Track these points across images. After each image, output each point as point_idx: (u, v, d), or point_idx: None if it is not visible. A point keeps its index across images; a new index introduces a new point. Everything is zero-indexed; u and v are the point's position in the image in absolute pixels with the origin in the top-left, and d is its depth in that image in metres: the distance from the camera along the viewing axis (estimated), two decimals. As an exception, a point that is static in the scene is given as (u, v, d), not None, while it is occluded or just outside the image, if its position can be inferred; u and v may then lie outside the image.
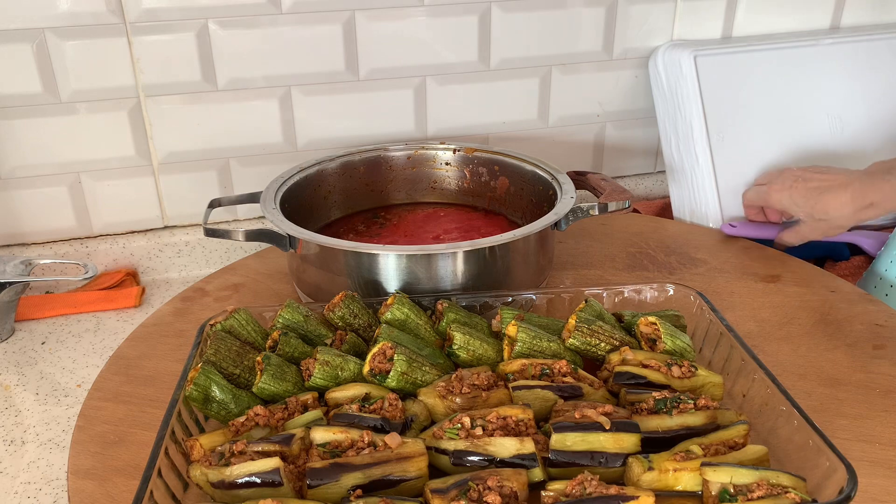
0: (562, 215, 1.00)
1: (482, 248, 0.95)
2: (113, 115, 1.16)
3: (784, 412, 0.75)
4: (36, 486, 0.81)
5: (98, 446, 0.81)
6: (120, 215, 1.24)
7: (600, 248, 1.20)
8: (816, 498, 0.67)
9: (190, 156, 1.22)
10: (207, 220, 1.04)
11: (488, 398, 0.78)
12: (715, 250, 1.19)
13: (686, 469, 0.68)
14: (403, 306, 0.89)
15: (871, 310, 1.03)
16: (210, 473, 0.68)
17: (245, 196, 1.10)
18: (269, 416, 0.76)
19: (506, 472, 0.68)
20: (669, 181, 1.34)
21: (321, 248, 0.97)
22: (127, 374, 0.92)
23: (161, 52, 1.14)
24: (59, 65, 1.11)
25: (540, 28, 1.29)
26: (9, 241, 1.21)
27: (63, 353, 1.04)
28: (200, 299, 1.08)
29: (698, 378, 0.81)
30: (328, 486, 0.67)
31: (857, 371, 0.91)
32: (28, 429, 0.90)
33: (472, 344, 0.84)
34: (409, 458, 0.70)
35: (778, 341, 0.97)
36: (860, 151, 1.33)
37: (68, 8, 1.09)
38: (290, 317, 0.88)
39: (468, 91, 1.30)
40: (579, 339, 0.85)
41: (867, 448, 0.80)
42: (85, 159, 1.18)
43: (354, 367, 0.82)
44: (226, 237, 0.99)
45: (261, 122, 1.23)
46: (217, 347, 0.82)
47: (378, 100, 1.27)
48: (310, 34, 1.19)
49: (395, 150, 1.23)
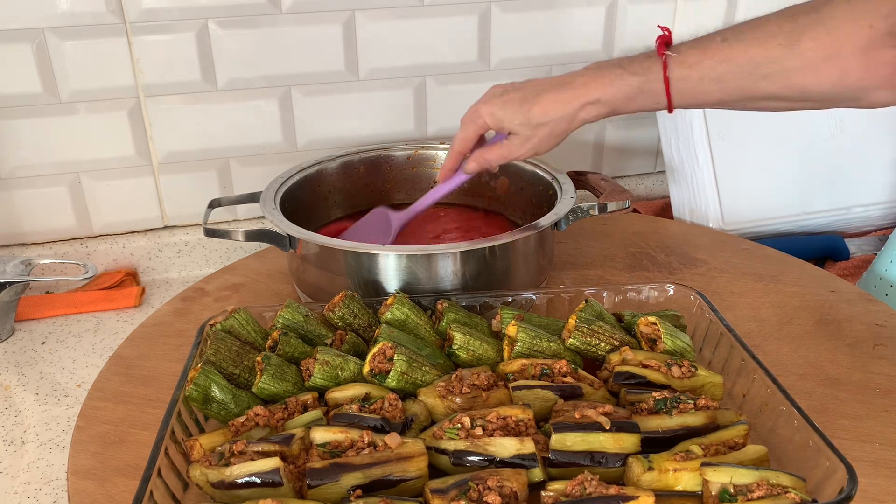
0: (562, 215, 1.00)
1: (482, 248, 0.95)
2: (113, 115, 1.16)
3: (784, 412, 0.75)
4: (36, 486, 0.81)
5: (98, 446, 0.81)
6: (120, 215, 1.24)
7: (600, 248, 1.20)
8: (816, 498, 0.67)
9: (190, 156, 1.23)
10: (207, 220, 1.04)
11: (488, 398, 0.78)
12: (715, 250, 1.19)
13: (686, 469, 0.68)
14: (403, 306, 0.89)
15: (871, 310, 1.03)
16: (210, 473, 0.68)
17: (245, 196, 1.10)
18: (269, 416, 0.76)
19: (506, 472, 0.68)
20: (669, 181, 1.34)
21: (321, 248, 0.97)
22: (127, 374, 0.92)
23: (161, 52, 1.14)
24: (58, 65, 1.11)
25: (540, 28, 1.29)
26: (9, 241, 1.21)
27: (63, 353, 1.04)
28: (200, 299, 1.08)
29: (698, 378, 0.81)
30: (328, 486, 0.67)
31: (857, 371, 0.91)
32: (28, 429, 0.90)
33: (472, 344, 0.84)
34: (409, 458, 0.69)
35: (778, 341, 0.97)
36: (860, 151, 1.33)
37: (68, 8, 1.09)
38: (290, 317, 0.88)
39: (468, 91, 1.29)
40: (579, 339, 0.85)
41: (867, 448, 0.80)
42: (85, 159, 1.18)
43: (354, 367, 0.82)
44: (226, 237, 0.99)
45: (261, 122, 1.23)
46: (217, 347, 0.82)
47: (378, 100, 1.27)
48: (310, 34, 1.19)
49: (395, 150, 1.23)
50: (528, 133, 0.94)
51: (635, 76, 0.88)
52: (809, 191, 1.32)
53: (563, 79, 0.93)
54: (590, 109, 0.91)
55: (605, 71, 0.90)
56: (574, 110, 0.91)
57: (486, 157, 0.99)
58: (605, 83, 0.89)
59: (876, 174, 1.34)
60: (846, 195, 1.33)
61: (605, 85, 0.89)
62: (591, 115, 0.91)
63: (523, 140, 0.95)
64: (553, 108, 0.92)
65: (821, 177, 1.32)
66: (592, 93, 0.90)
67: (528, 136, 0.94)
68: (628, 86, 0.88)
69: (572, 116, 0.92)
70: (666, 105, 0.88)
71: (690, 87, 0.86)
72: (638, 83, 0.88)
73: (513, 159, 0.98)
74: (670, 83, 0.86)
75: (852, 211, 1.34)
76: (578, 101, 0.90)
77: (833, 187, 1.32)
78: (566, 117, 0.92)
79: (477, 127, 0.98)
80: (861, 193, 1.34)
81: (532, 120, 0.93)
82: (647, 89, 0.88)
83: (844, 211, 1.33)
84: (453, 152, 1.02)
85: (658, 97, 0.88)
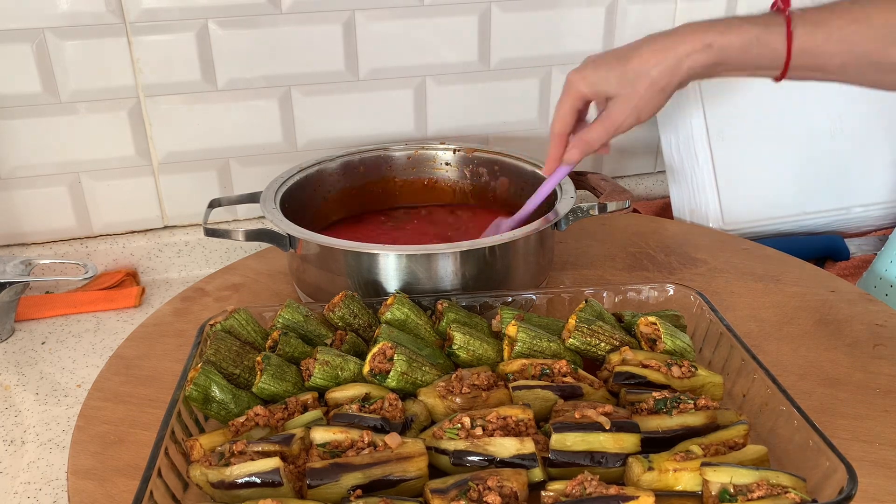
0: (562, 215, 1.00)
1: (482, 248, 0.95)
2: (113, 115, 1.16)
3: (784, 412, 0.75)
4: (36, 486, 0.81)
5: (98, 446, 0.81)
6: (120, 215, 1.24)
7: (600, 248, 1.20)
8: (816, 498, 0.67)
9: (190, 156, 1.22)
10: (207, 220, 1.04)
11: (488, 398, 0.78)
12: (715, 250, 1.19)
13: (686, 469, 0.68)
14: (403, 306, 0.89)
15: (871, 310, 1.03)
16: (210, 473, 0.68)
17: (245, 196, 1.10)
18: (269, 416, 0.76)
19: (506, 472, 0.68)
20: (669, 181, 1.34)
21: (321, 248, 0.97)
22: (127, 374, 0.92)
23: (161, 52, 1.14)
24: (58, 65, 1.11)
25: (540, 28, 1.29)
26: (9, 241, 1.21)
27: (63, 353, 1.04)
28: (200, 299, 1.08)
29: (698, 378, 0.81)
30: (328, 486, 0.67)
31: (857, 371, 0.91)
32: (28, 429, 0.90)
33: (472, 344, 0.84)
34: (409, 458, 0.70)
35: (778, 341, 0.97)
36: (860, 151, 1.33)
37: (68, 8, 1.09)
38: (290, 317, 0.88)
39: (468, 91, 1.30)
40: (579, 339, 0.85)
41: (867, 448, 0.80)
42: (85, 159, 1.18)
43: (354, 367, 0.82)
44: (226, 237, 0.99)
45: (261, 122, 1.23)
46: (217, 347, 0.82)
47: (378, 100, 1.27)
48: (310, 34, 1.19)
49: (395, 150, 1.23)
50: (628, 91, 0.84)
51: (755, 26, 0.80)
52: (809, 191, 1.32)
53: (663, 32, 0.84)
54: (697, 57, 0.81)
55: (715, 21, 0.82)
56: (679, 57, 0.82)
57: (586, 140, 0.89)
58: (719, 30, 0.81)
59: (876, 174, 1.34)
60: (846, 195, 1.33)
61: (719, 31, 0.81)
62: (698, 64, 0.82)
63: (623, 102, 0.85)
64: (654, 56, 0.82)
65: (821, 177, 1.32)
66: (703, 37, 0.81)
67: (627, 96, 0.84)
68: (746, 33, 0.80)
69: (676, 65, 0.82)
70: (782, 65, 0.81)
71: (814, 46, 0.79)
72: (756, 33, 0.80)
73: (617, 131, 0.87)
74: (793, 38, 0.79)
75: (852, 211, 1.34)
76: (685, 47, 0.81)
77: (833, 187, 1.33)
78: (670, 67, 0.82)
79: (572, 99, 0.88)
80: (861, 193, 1.34)
81: (630, 73, 0.83)
82: (765, 41, 0.80)
83: (844, 211, 1.33)
84: (554, 135, 0.92)
85: (776, 53, 0.80)
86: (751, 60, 0.82)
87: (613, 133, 0.88)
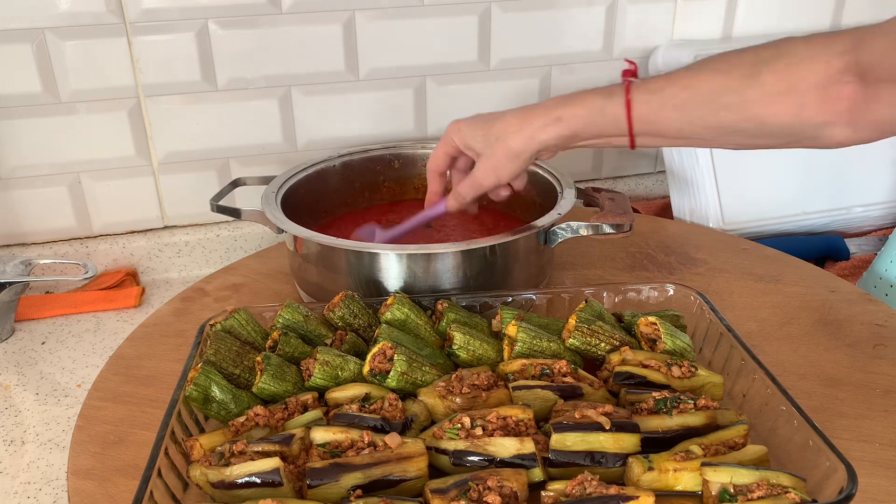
0: (562, 215, 1.00)
1: (482, 248, 0.95)
2: (113, 115, 1.17)
3: (784, 412, 0.75)
4: (36, 486, 0.81)
5: (98, 446, 0.81)
6: (120, 215, 1.24)
7: (600, 248, 1.20)
8: (816, 498, 0.67)
9: (190, 156, 1.23)
10: (221, 200, 1.05)
11: (488, 398, 0.78)
12: (715, 250, 1.19)
13: (686, 469, 0.68)
14: (403, 306, 0.89)
15: (871, 310, 1.03)
16: (210, 473, 0.68)
17: (267, 178, 1.11)
18: (269, 416, 0.76)
19: (506, 472, 0.68)
20: (669, 181, 1.34)
21: (322, 248, 0.97)
22: (127, 374, 0.92)
23: (161, 52, 1.14)
24: (58, 65, 1.11)
25: (540, 28, 1.29)
26: (9, 241, 1.21)
27: (63, 353, 1.04)
28: (200, 299, 1.08)
29: (698, 378, 0.81)
30: (328, 486, 0.67)
31: (857, 371, 0.91)
32: (28, 429, 0.90)
33: (472, 344, 0.84)
34: (409, 458, 0.70)
35: (778, 341, 0.97)
36: (860, 151, 1.32)
37: (68, 8, 1.09)
38: (290, 317, 0.88)
39: (468, 91, 1.30)
40: (579, 339, 0.85)
41: (867, 448, 0.80)
42: (85, 159, 1.18)
43: (354, 367, 0.82)
44: (235, 216, 1.02)
45: (261, 122, 1.23)
46: (217, 347, 0.82)
47: (378, 100, 1.27)
48: (310, 34, 1.19)
49: (395, 150, 1.23)
50: (489, 151, 0.92)
51: (600, 97, 0.87)
52: (809, 191, 1.32)
53: (531, 105, 0.92)
54: (550, 129, 0.89)
55: (573, 95, 0.90)
56: (533, 129, 0.89)
57: (459, 192, 0.98)
58: (569, 103, 0.89)
59: (876, 174, 1.34)
60: (846, 195, 1.33)
61: (569, 105, 0.88)
62: (549, 136, 0.89)
63: (484, 162, 0.93)
64: (513, 123, 0.91)
65: (821, 177, 1.32)
66: (554, 111, 0.89)
67: (488, 157, 0.93)
68: (591, 105, 0.87)
69: (531, 136, 0.90)
70: (626, 132, 0.87)
71: (651, 113, 0.85)
72: (601, 104, 0.87)
73: (481, 189, 0.95)
74: (632, 106, 0.85)
75: (852, 211, 1.34)
76: (540, 121, 0.89)
77: (833, 187, 1.33)
78: (524, 137, 0.90)
79: (445, 145, 0.98)
80: (861, 193, 1.34)
81: (491, 136, 0.92)
82: (608, 111, 0.86)
83: (844, 211, 1.33)
84: (428, 171, 1.02)
85: (619, 122, 0.86)
86: (599, 130, 0.88)
87: (479, 190, 0.96)
